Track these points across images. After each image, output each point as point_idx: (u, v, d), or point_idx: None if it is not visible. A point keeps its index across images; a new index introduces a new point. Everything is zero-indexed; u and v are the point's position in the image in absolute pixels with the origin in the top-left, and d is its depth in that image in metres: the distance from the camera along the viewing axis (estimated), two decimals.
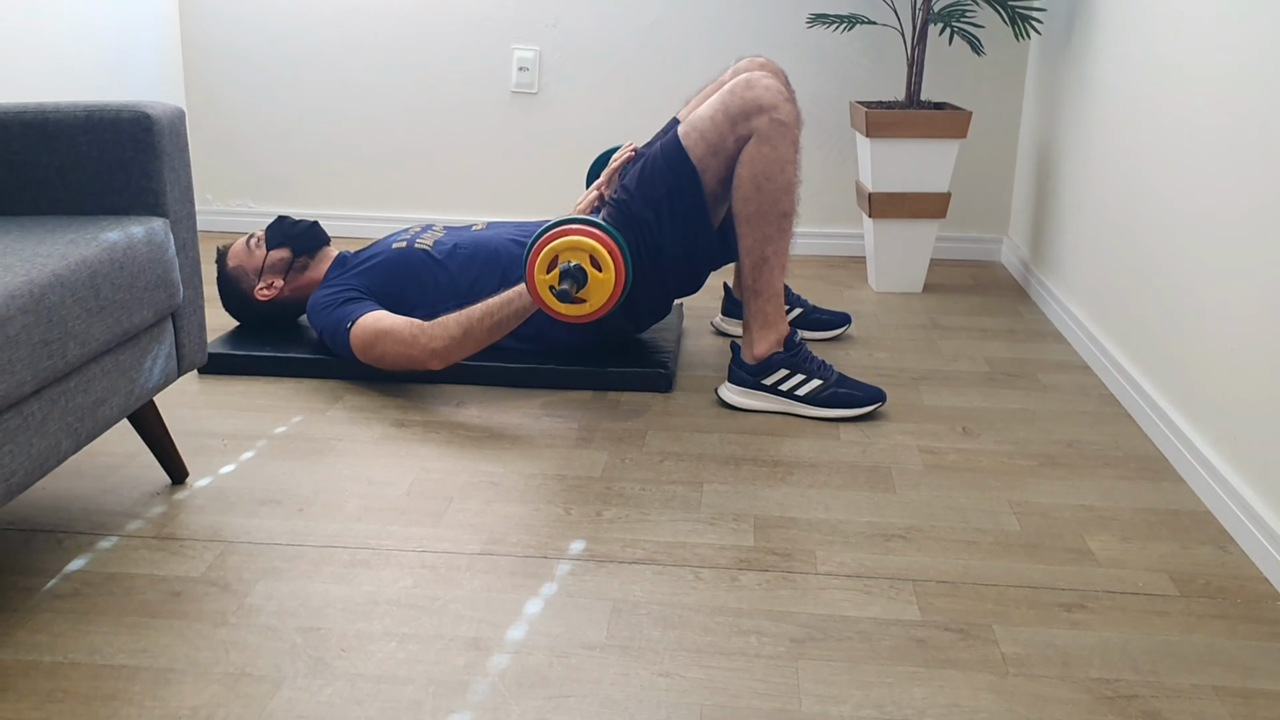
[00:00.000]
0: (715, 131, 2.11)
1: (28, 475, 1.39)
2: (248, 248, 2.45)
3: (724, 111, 2.10)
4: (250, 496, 1.80)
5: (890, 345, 2.61)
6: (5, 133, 1.70)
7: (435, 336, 2.16)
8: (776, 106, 2.07)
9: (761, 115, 2.07)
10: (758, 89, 2.08)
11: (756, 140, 2.08)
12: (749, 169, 2.09)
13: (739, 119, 2.09)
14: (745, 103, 2.08)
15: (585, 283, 2.04)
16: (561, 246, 2.04)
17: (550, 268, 2.05)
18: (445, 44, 3.42)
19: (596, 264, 2.04)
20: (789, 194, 2.11)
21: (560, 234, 2.05)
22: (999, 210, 3.42)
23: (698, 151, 2.14)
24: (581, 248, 2.04)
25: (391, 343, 2.18)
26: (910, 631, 1.46)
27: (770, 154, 2.08)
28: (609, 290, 2.05)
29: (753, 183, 2.09)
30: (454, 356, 2.17)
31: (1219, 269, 1.86)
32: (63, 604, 1.48)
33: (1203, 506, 1.81)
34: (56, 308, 1.40)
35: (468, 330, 2.15)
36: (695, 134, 2.14)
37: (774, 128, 2.07)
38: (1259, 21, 1.76)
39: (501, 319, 2.15)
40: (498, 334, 2.16)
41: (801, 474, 1.91)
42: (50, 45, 2.86)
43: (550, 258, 2.05)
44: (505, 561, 1.61)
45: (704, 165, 2.14)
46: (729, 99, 2.10)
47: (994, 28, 3.23)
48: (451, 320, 2.17)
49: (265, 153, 3.57)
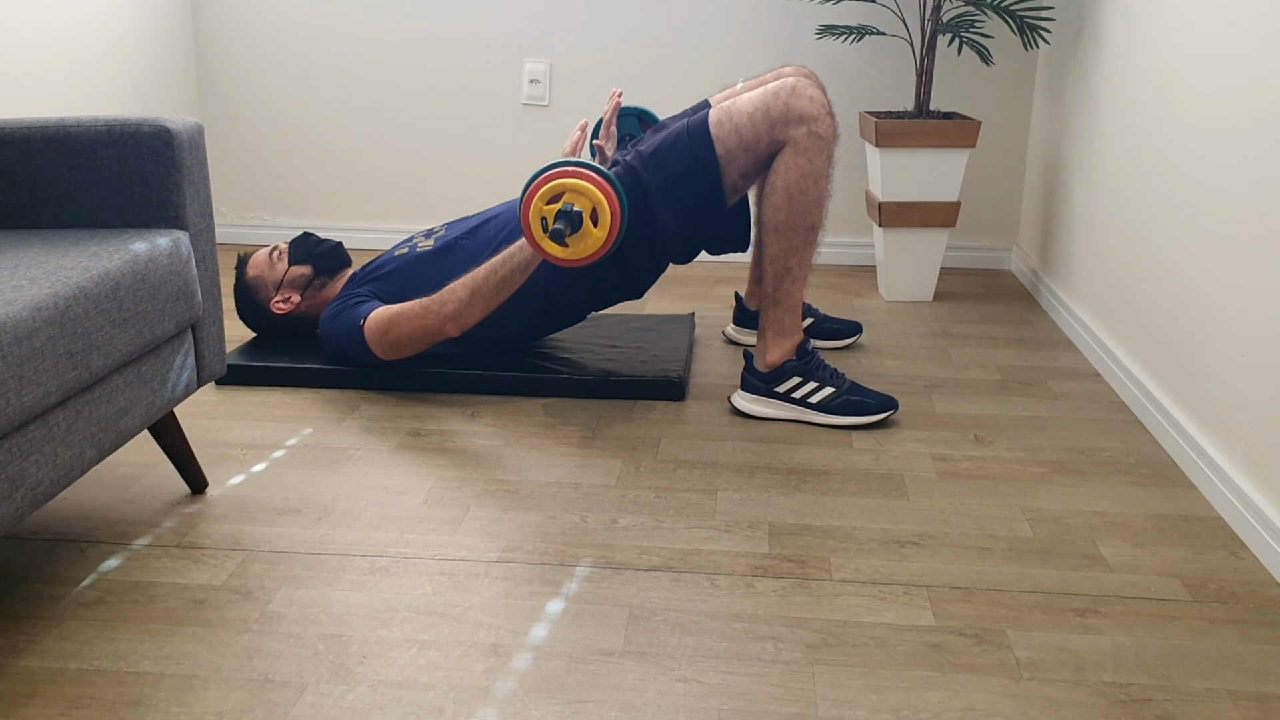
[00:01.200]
0: (751, 129, 2.10)
1: (53, 485, 1.42)
2: (270, 259, 2.48)
3: (764, 112, 2.09)
4: (270, 505, 1.82)
5: (901, 353, 2.62)
6: (28, 147, 1.72)
7: (445, 302, 2.21)
8: (817, 119, 2.08)
9: (801, 125, 2.08)
10: (802, 99, 2.08)
11: (793, 151, 2.08)
12: (783, 179, 2.09)
13: (778, 123, 2.09)
14: (788, 109, 2.08)
15: (579, 229, 2.03)
16: (571, 186, 2.02)
17: (551, 200, 2.04)
18: (457, 57, 3.45)
19: (595, 218, 2.04)
20: (819, 207, 2.12)
21: (574, 174, 2.03)
22: (1008, 219, 3.43)
23: (729, 143, 2.12)
24: (589, 196, 2.02)
25: (405, 321, 2.22)
26: (925, 637, 1.47)
27: (806, 166, 2.09)
28: (596, 247, 2.04)
29: (785, 193, 2.10)
30: (468, 318, 2.21)
31: (1228, 275, 1.87)
32: (87, 612, 1.50)
33: (1214, 512, 1.82)
34: (81, 320, 1.42)
35: (474, 290, 2.19)
36: (730, 124, 2.12)
37: (812, 140, 2.08)
38: (1266, 30, 1.78)
39: (506, 274, 2.18)
40: (505, 290, 2.19)
41: (815, 481, 1.93)
42: (70, 61, 2.89)
43: (556, 191, 2.03)
44: (522, 569, 1.63)
45: (731, 158, 2.12)
46: (772, 101, 2.09)
47: (1003, 38, 3.25)
48: (458, 284, 2.22)
49: (280, 166, 3.60)
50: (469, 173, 3.54)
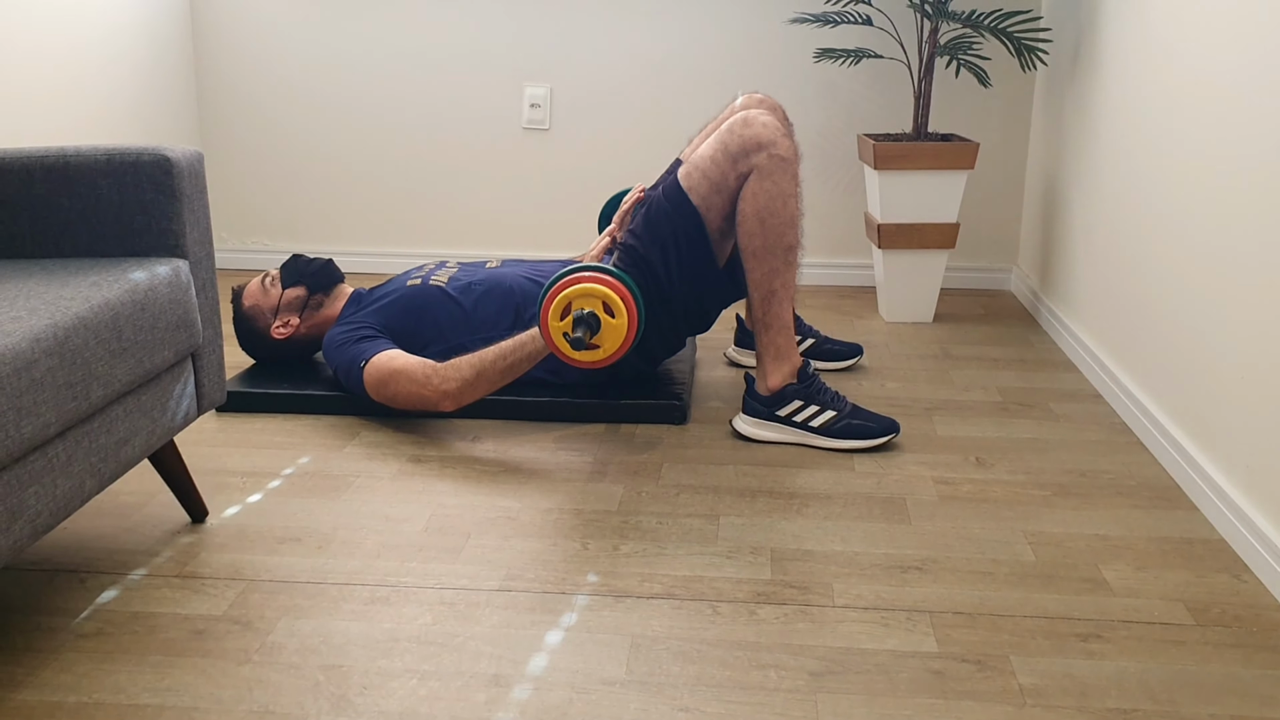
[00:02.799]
0: (717, 170, 2.14)
1: (53, 516, 1.41)
2: (263, 287, 2.48)
3: (724, 150, 2.13)
4: (270, 534, 1.81)
5: (902, 375, 2.62)
6: (28, 176, 1.73)
7: (448, 378, 2.18)
8: (774, 142, 2.10)
9: (760, 152, 2.10)
10: (755, 126, 2.11)
11: (757, 176, 2.11)
12: (752, 205, 2.11)
13: (739, 156, 2.12)
14: (744, 140, 2.11)
15: (599, 329, 2.06)
16: (574, 294, 2.06)
17: (564, 315, 2.07)
18: (457, 82, 3.46)
19: (609, 310, 2.06)
20: (793, 227, 2.13)
21: (573, 281, 2.07)
22: (1008, 240, 3.44)
23: (701, 191, 2.16)
24: (594, 294, 2.06)
25: (405, 382, 2.19)
26: (928, 663, 1.46)
27: (772, 189, 2.10)
28: (622, 335, 2.07)
29: (756, 218, 2.11)
30: (466, 398, 2.19)
31: (1229, 295, 1.87)
32: (87, 643, 1.50)
33: (1217, 535, 1.82)
34: (80, 350, 1.42)
35: (480, 372, 2.17)
36: (697, 174, 2.16)
37: (774, 163, 2.10)
38: (1263, 51, 1.78)
39: (515, 362, 2.17)
40: (510, 376, 2.18)
41: (817, 506, 1.92)
42: (70, 90, 2.90)
43: (564, 305, 2.07)
44: (524, 597, 1.62)
45: (708, 204, 2.17)
46: (728, 138, 2.13)
47: (1000, 60, 3.26)
48: (464, 362, 2.18)
49: (281, 191, 3.61)
50: (470, 197, 3.55)
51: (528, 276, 2.41)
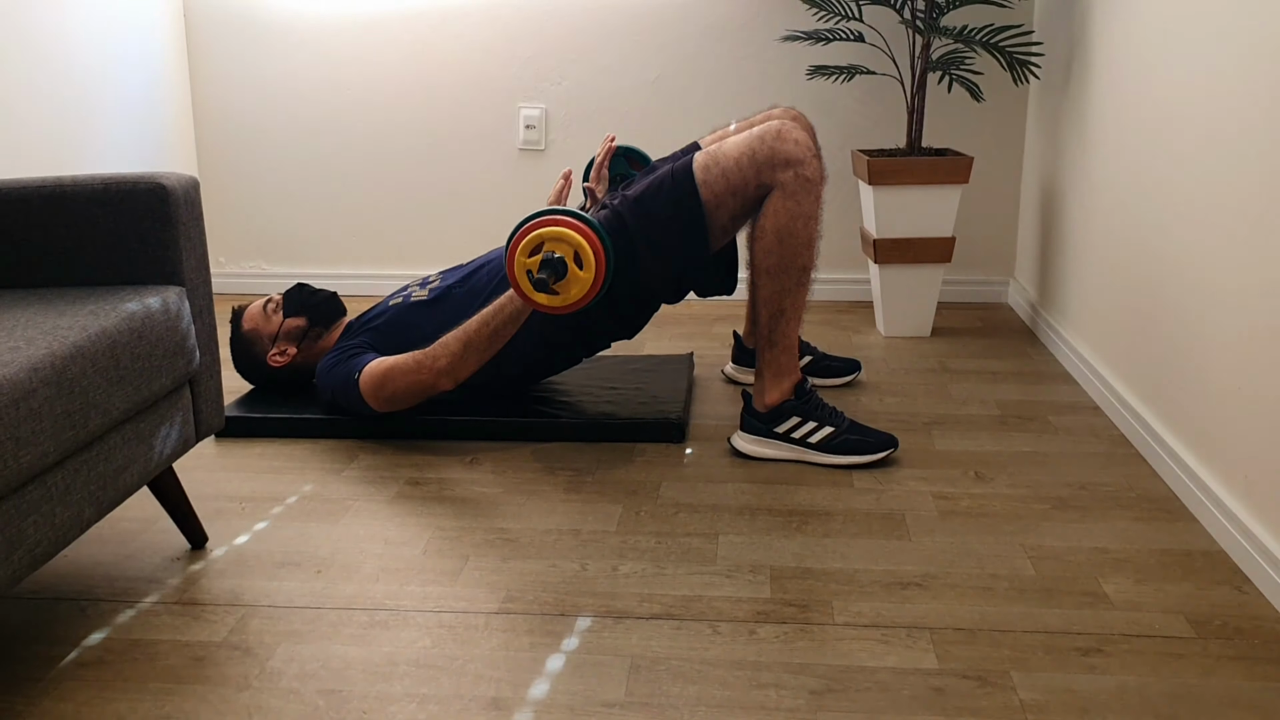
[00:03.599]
0: (739, 174, 2.11)
1: (52, 545, 1.41)
2: (264, 312, 2.48)
3: (751, 157, 2.11)
4: (269, 559, 1.81)
5: (900, 390, 2.62)
6: (25, 206, 1.73)
7: (438, 356, 2.21)
8: (804, 162, 2.09)
9: (788, 169, 2.09)
10: (788, 142, 2.09)
11: (781, 194, 2.10)
12: (773, 222, 2.10)
13: (765, 167, 2.10)
14: (774, 153, 2.09)
15: (564, 275, 2.04)
16: (548, 235, 2.04)
17: (533, 252, 2.05)
18: (452, 103, 3.48)
19: (579, 261, 2.05)
20: (810, 249, 2.13)
21: (550, 222, 2.05)
22: (1004, 253, 3.44)
23: (716, 187, 2.13)
24: (569, 241, 2.04)
25: (399, 376, 2.22)
26: (928, 680, 1.46)
27: (795, 209, 2.10)
28: (585, 289, 2.05)
29: (775, 236, 2.11)
30: (461, 371, 2.20)
31: (1226, 307, 1.87)
32: (87, 672, 1.50)
33: (1217, 546, 1.82)
34: (78, 379, 1.43)
35: (467, 342, 2.19)
36: (717, 169, 2.13)
37: (800, 184, 2.09)
38: (1256, 60, 1.79)
39: (498, 325, 2.19)
40: (498, 341, 2.19)
41: (816, 523, 1.92)
42: (66, 119, 2.92)
43: (535, 243, 2.04)
44: (523, 620, 1.62)
45: (718, 201, 2.14)
46: (758, 146, 2.10)
47: (993, 74, 3.27)
48: (450, 338, 2.21)
49: (277, 214, 3.61)
50: (466, 218, 3.56)
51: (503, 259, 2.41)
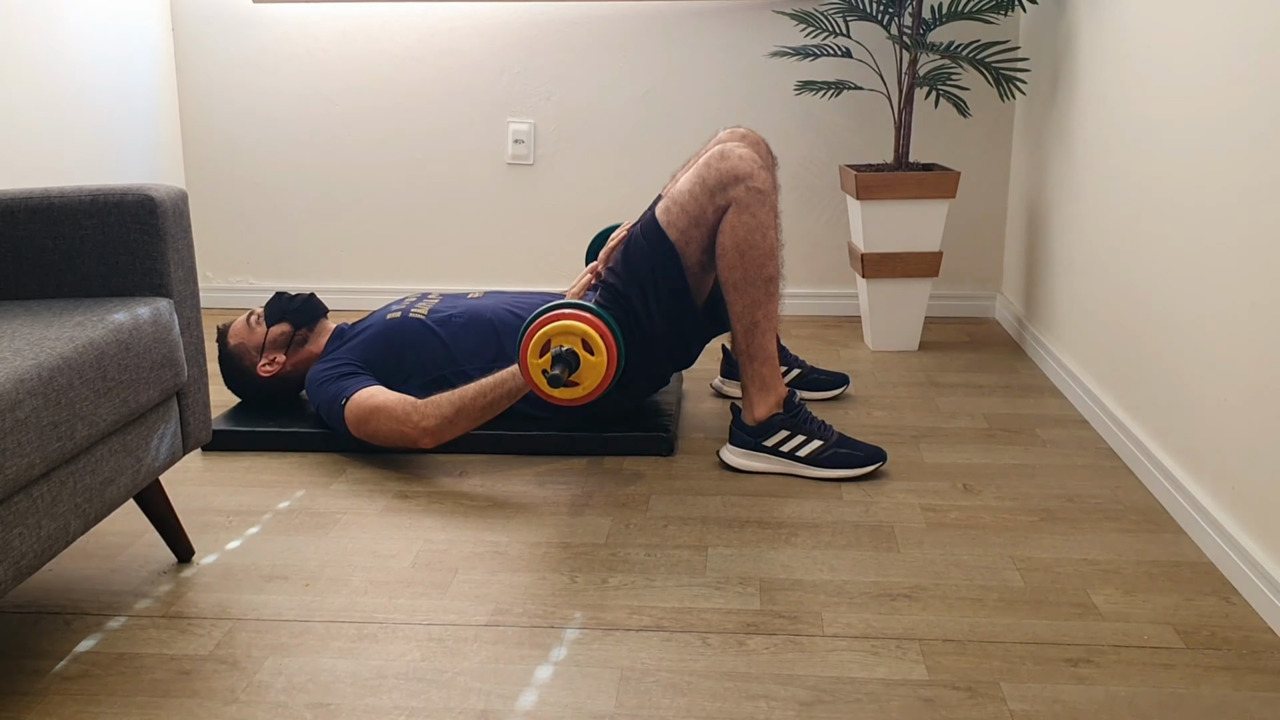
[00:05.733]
0: (695, 204, 2.15)
1: (37, 557, 1.40)
2: (248, 325, 2.47)
3: (701, 184, 2.14)
4: (256, 572, 1.80)
5: (889, 404, 2.62)
6: (12, 218, 1.73)
7: (428, 415, 2.17)
8: (752, 175, 2.11)
9: (738, 185, 2.11)
10: (732, 159, 2.12)
11: (735, 209, 2.12)
12: (731, 238, 2.12)
13: (716, 190, 2.13)
14: (721, 174, 2.12)
15: (577, 367, 2.06)
16: (553, 331, 2.06)
17: (542, 352, 2.07)
18: (441, 117, 3.48)
19: (589, 347, 2.06)
20: (772, 259, 2.14)
21: (552, 318, 2.07)
22: (991, 267, 3.46)
23: (680, 225, 2.17)
24: (573, 332, 2.05)
25: (385, 419, 2.19)
26: (918, 691, 1.46)
27: (750, 221, 2.11)
28: (602, 373, 2.07)
29: (736, 250, 2.12)
30: (445, 436, 2.18)
31: (1212, 320, 1.88)
32: (72, 685, 1.49)
33: (1204, 558, 1.82)
34: (65, 390, 1.42)
35: (460, 410, 2.17)
36: (676, 208, 2.17)
37: (751, 195, 2.11)
38: (1240, 76, 1.80)
39: (494, 399, 2.17)
40: (490, 414, 2.18)
41: (805, 535, 1.92)
42: (53, 131, 2.91)
43: (543, 342, 2.06)
44: (512, 632, 1.61)
45: (686, 238, 2.17)
46: (705, 172, 2.14)
47: (979, 89, 3.30)
48: (444, 399, 2.18)
49: (265, 228, 3.61)
50: (454, 232, 3.56)
51: (509, 308, 2.41)
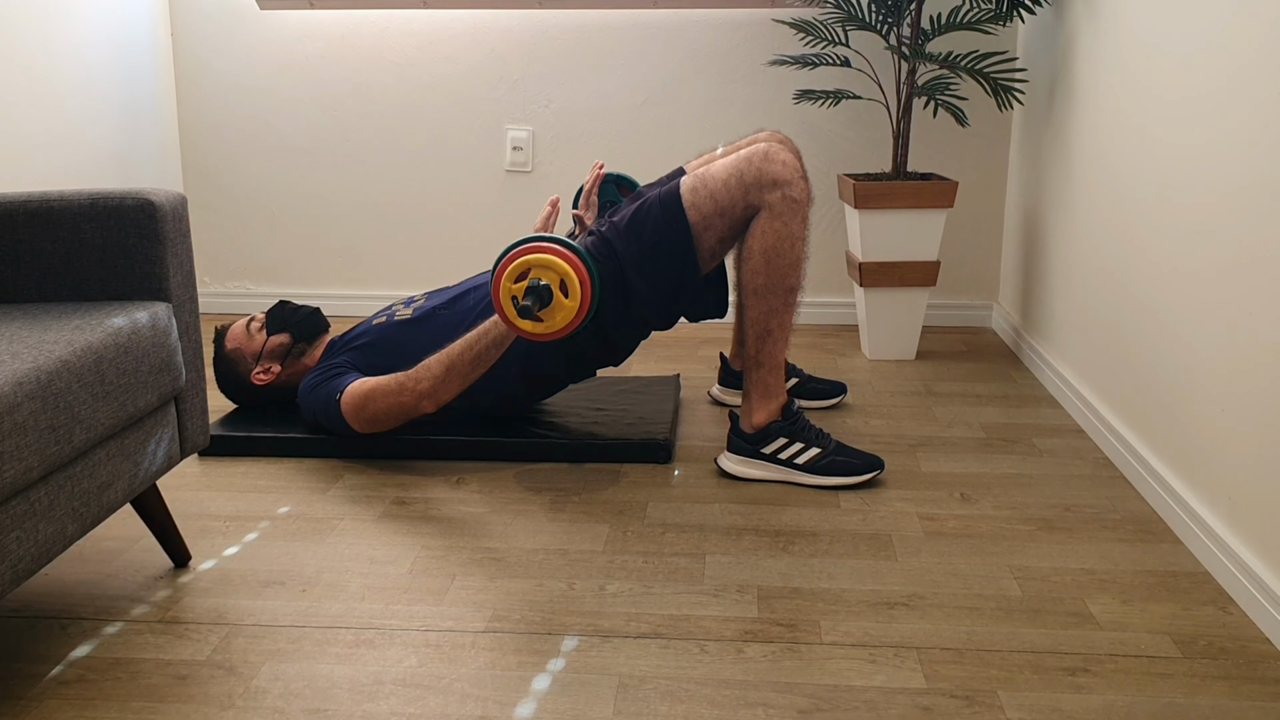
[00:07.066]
0: (727, 195, 2.12)
1: (34, 561, 1.40)
2: (247, 331, 2.47)
3: (738, 178, 2.12)
4: (253, 578, 1.80)
5: (886, 413, 2.63)
6: (11, 221, 1.73)
7: (420, 379, 2.20)
8: (791, 183, 2.10)
9: (775, 190, 2.10)
10: (775, 163, 2.10)
11: (769, 215, 2.11)
12: (760, 243, 2.11)
13: (752, 188, 2.11)
14: (761, 174, 2.10)
15: (549, 303, 2.03)
16: (535, 261, 2.03)
17: (519, 279, 2.04)
18: (439, 125, 3.48)
19: (565, 289, 2.04)
20: (797, 270, 2.14)
21: (538, 249, 2.04)
22: (989, 277, 3.47)
23: (704, 209, 2.14)
24: (555, 269, 2.02)
25: (381, 397, 2.21)
26: (916, 700, 1.46)
27: (782, 230, 2.11)
28: (570, 317, 2.04)
29: (763, 256, 2.11)
30: (443, 395, 2.20)
31: (1208, 329, 1.89)
32: (68, 691, 1.48)
33: (1201, 567, 1.82)
34: (63, 394, 1.42)
35: (450, 366, 2.18)
36: (704, 191, 2.14)
37: (787, 204, 2.10)
38: (1238, 85, 1.81)
39: (481, 350, 2.18)
40: (481, 366, 2.19)
41: (803, 543, 1.92)
42: (52, 135, 2.91)
43: (522, 269, 2.03)
44: (510, 639, 1.61)
45: (707, 224, 2.14)
46: (745, 167, 2.12)
47: (977, 99, 3.30)
48: (433, 361, 2.21)
49: (263, 235, 3.61)
50: (453, 239, 3.56)
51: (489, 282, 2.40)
